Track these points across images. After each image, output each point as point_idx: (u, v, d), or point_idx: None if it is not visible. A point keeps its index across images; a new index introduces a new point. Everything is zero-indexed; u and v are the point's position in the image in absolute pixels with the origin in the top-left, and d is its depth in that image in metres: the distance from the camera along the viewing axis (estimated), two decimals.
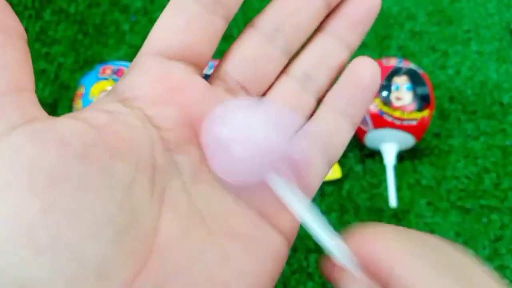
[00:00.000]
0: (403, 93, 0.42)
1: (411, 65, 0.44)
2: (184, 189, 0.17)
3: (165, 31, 0.18)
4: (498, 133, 0.48)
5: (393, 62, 0.44)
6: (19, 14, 0.51)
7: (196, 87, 0.18)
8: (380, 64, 0.44)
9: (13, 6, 0.51)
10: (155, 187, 0.15)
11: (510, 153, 0.47)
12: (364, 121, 0.43)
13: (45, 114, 0.15)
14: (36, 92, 0.14)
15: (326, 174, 0.20)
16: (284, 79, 0.20)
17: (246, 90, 0.19)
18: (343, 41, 0.20)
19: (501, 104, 0.50)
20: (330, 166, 0.20)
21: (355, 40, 0.21)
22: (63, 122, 0.15)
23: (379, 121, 0.43)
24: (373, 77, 0.20)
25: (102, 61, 0.49)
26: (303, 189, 0.19)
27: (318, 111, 0.20)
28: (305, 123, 0.20)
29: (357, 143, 0.47)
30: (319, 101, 0.21)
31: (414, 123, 0.42)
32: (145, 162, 0.15)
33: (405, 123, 0.42)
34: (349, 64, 0.20)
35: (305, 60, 0.20)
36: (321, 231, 0.17)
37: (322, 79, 0.20)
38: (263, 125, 0.17)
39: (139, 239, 0.14)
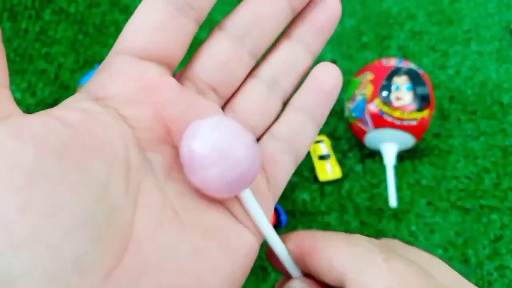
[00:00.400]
0: (403, 93, 0.42)
1: (411, 65, 0.44)
2: (158, 187, 0.17)
3: (138, 31, 0.18)
4: (498, 133, 0.48)
5: (393, 62, 0.44)
6: (19, 14, 0.51)
7: (169, 88, 0.18)
8: (380, 64, 0.44)
9: (13, 6, 0.52)
10: (129, 184, 0.16)
11: (510, 153, 0.47)
12: (364, 121, 0.43)
13: (19, 111, 0.15)
14: (36, 92, 0.14)
15: (292, 172, 0.21)
16: (252, 82, 0.21)
17: (216, 92, 0.20)
18: (307, 47, 0.21)
19: (501, 104, 0.50)
20: (296, 165, 0.21)
21: (319, 46, 0.22)
22: (38, 119, 0.15)
23: (379, 121, 0.43)
24: (335, 82, 0.21)
25: (102, 61, 0.49)
26: (271, 187, 0.20)
27: (284, 113, 0.21)
28: (272, 125, 0.21)
29: (357, 143, 0.47)
30: (284, 104, 0.22)
31: (414, 123, 0.42)
32: (119, 160, 0.16)
33: (405, 123, 0.42)
34: (312, 70, 0.22)
35: (272, 64, 0.21)
36: (281, 246, 0.19)
37: (288, 83, 0.21)
38: (239, 144, 0.17)
39: (115, 235, 0.15)
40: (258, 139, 0.21)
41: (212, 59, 0.20)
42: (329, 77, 0.21)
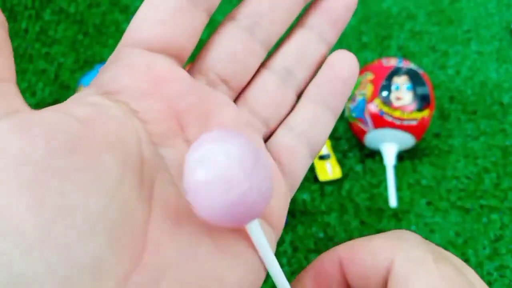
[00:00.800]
0: (403, 93, 0.42)
1: (411, 65, 0.44)
2: (172, 184, 0.16)
3: (147, 22, 0.17)
4: (498, 133, 0.48)
5: (393, 62, 0.44)
6: (19, 14, 0.51)
7: (180, 80, 0.18)
8: (380, 64, 0.44)
9: (13, 6, 0.51)
10: (143, 181, 0.15)
11: (510, 153, 0.47)
12: (364, 121, 0.43)
13: (27, 106, 0.14)
14: (36, 92, 0.14)
15: (309, 165, 0.20)
16: (265, 73, 0.20)
17: (227, 84, 0.19)
18: (322, 37, 0.21)
19: (501, 104, 0.50)
20: (313, 157, 0.21)
21: (334, 36, 0.21)
22: (47, 114, 0.14)
23: (379, 121, 0.43)
24: (351, 70, 0.20)
25: (102, 61, 0.49)
26: (287, 181, 0.19)
27: (299, 104, 0.21)
28: (287, 117, 0.20)
29: (357, 143, 0.47)
30: (299, 96, 0.21)
31: (414, 123, 0.42)
32: (133, 155, 0.15)
33: (405, 123, 0.42)
34: (328, 58, 0.21)
35: (285, 54, 0.20)
36: (285, 283, 0.18)
37: (302, 74, 0.21)
38: (249, 172, 0.15)
39: (132, 234, 0.14)
40: (273, 132, 0.20)
41: (223, 51, 0.19)
42: (345, 64, 0.20)
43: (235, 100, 0.20)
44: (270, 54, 0.21)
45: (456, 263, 0.17)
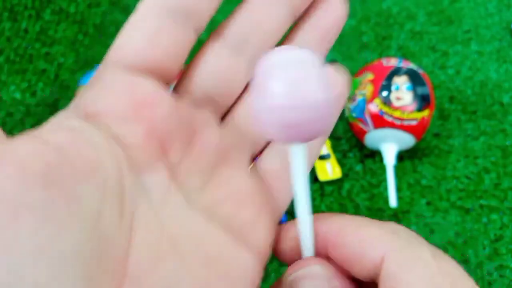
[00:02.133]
0: (403, 93, 0.42)
1: (411, 65, 0.44)
2: (154, 213, 0.16)
3: (131, 42, 0.17)
4: (498, 133, 0.48)
5: (393, 62, 0.44)
6: (19, 14, 0.51)
7: (163, 102, 0.17)
8: (380, 64, 0.44)
9: (13, 6, 0.51)
10: (123, 212, 0.14)
11: (510, 153, 0.47)
12: (364, 121, 0.43)
13: (2, 135, 0.14)
14: (36, 92, 0.13)
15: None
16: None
17: (214, 102, 0.19)
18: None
19: (501, 104, 0.50)
20: (310, 166, 0.20)
21: (323, 50, 0.21)
22: (21, 142, 0.13)
23: (379, 121, 0.43)
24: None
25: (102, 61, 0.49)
26: (276, 205, 0.19)
27: None
28: None
29: (357, 143, 0.47)
30: None
31: (414, 123, 0.42)
32: (112, 185, 0.14)
33: (405, 123, 0.42)
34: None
35: None
36: (310, 222, 0.17)
37: None
38: (322, 90, 0.15)
39: (109, 272, 0.13)
40: (263, 150, 0.20)
41: (209, 70, 0.19)
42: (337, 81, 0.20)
43: (223, 118, 0.19)
44: None
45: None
